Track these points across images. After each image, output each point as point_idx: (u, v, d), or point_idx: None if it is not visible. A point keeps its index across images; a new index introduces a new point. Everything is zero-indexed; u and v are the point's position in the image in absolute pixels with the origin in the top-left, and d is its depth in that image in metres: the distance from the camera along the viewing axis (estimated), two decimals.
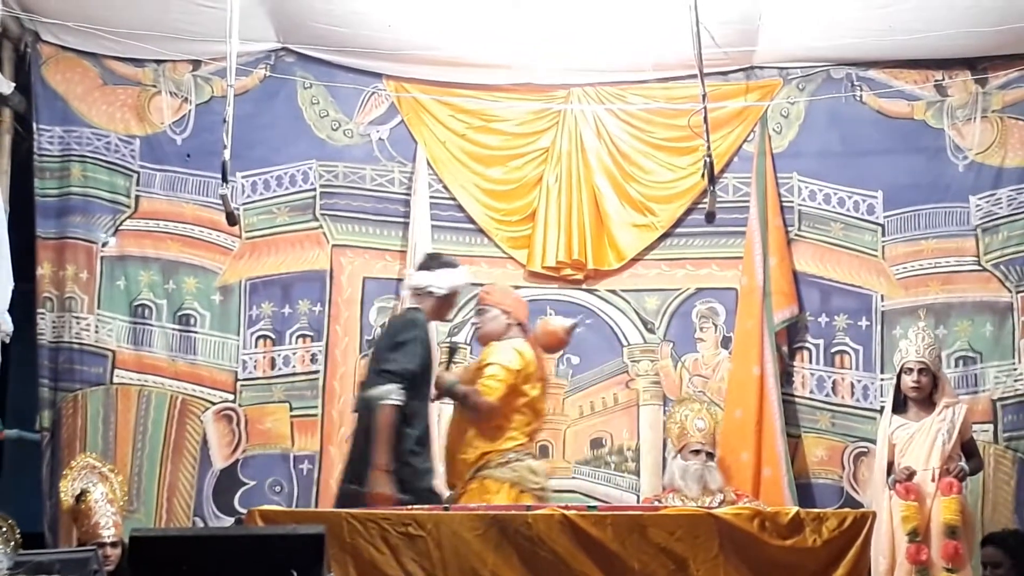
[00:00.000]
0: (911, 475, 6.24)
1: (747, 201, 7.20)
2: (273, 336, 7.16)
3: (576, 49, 7.13)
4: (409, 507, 5.16)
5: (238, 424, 7.10)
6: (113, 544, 5.90)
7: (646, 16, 6.80)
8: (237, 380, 7.13)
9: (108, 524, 5.96)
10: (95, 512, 5.97)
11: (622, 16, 6.84)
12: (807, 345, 7.18)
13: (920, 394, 6.47)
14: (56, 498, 6.44)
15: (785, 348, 7.14)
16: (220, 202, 6.02)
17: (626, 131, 7.34)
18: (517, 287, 7.23)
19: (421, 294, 5.88)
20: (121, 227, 7.15)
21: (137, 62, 7.22)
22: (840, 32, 6.98)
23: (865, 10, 6.78)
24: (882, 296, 7.15)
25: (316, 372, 7.17)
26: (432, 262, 6.02)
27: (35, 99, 7.08)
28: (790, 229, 7.24)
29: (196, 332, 7.13)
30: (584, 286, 7.29)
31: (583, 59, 7.21)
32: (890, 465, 6.37)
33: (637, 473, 7.12)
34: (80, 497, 6.01)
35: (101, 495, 6.02)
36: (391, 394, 5.54)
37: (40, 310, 7.00)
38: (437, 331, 6.54)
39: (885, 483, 6.34)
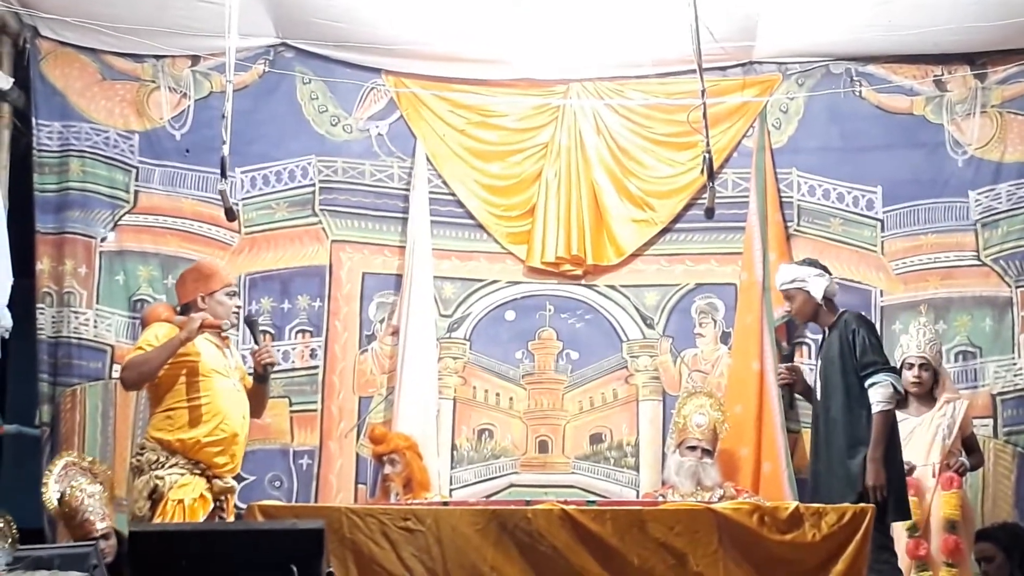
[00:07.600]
0: (911, 470, 6.23)
1: (746, 196, 7.20)
2: (272, 331, 7.15)
3: (575, 44, 7.12)
4: (408, 502, 5.16)
5: None
6: (106, 536, 5.84)
7: (645, 11, 6.78)
8: None
9: (99, 517, 5.89)
10: (81, 510, 5.88)
11: (621, 11, 6.83)
12: (806, 340, 7.17)
13: (921, 389, 6.48)
14: None
15: (785, 343, 7.14)
16: (219, 198, 6.02)
17: (625, 126, 7.34)
18: (517, 283, 7.27)
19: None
20: (120, 222, 7.13)
21: (136, 57, 7.21)
22: (839, 27, 6.97)
23: (864, 5, 6.77)
24: (881, 291, 7.15)
25: (315, 367, 7.16)
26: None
27: (34, 94, 7.07)
28: (789, 224, 7.24)
29: None
30: (583, 281, 7.29)
31: (582, 54, 7.20)
32: None
33: (636, 468, 7.12)
34: (61, 500, 5.94)
35: (81, 491, 5.93)
36: None
37: (39, 305, 6.98)
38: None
39: None
